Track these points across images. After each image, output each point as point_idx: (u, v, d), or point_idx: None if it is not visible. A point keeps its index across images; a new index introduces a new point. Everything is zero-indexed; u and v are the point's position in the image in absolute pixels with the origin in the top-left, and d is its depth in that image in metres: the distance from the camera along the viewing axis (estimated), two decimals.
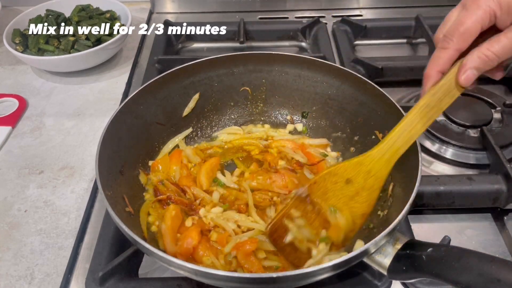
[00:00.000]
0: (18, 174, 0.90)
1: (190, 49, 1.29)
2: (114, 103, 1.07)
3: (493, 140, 0.85)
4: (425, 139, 0.93)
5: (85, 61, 1.12)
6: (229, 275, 0.54)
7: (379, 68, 1.06)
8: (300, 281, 0.57)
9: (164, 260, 0.55)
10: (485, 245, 0.76)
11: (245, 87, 0.93)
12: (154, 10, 1.43)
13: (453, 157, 0.90)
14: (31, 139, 0.98)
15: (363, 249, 0.55)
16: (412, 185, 0.63)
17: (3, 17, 1.31)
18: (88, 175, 0.89)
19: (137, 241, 0.57)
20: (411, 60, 1.12)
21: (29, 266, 0.73)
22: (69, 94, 1.10)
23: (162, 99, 0.86)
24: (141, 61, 1.23)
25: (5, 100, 1.08)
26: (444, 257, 0.53)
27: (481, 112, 0.95)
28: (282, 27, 1.29)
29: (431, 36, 1.14)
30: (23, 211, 0.82)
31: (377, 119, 0.80)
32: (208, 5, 1.42)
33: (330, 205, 0.68)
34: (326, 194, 0.69)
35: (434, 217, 0.80)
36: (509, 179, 0.77)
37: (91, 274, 0.68)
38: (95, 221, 0.81)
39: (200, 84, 0.90)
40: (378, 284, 0.66)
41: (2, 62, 1.22)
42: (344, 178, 0.68)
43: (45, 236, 0.78)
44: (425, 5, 1.39)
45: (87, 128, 1.00)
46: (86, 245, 0.77)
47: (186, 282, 0.66)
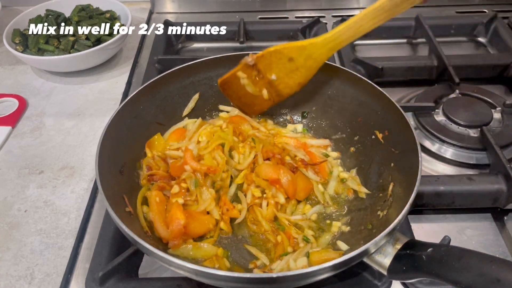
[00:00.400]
0: (18, 174, 0.90)
1: (190, 49, 1.29)
2: (114, 103, 1.07)
3: (493, 140, 0.85)
4: (425, 139, 0.93)
5: (85, 61, 1.12)
6: (229, 275, 0.54)
7: (379, 68, 1.06)
8: (300, 281, 0.57)
9: (164, 260, 0.55)
10: (485, 245, 0.76)
11: None
12: (154, 10, 1.43)
13: (453, 157, 0.90)
14: (31, 139, 0.98)
15: (363, 249, 0.55)
16: (412, 185, 0.63)
17: (3, 17, 1.31)
18: (88, 175, 0.89)
19: (137, 241, 0.57)
20: (411, 60, 1.12)
21: (29, 266, 0.73)
22: (69, 94, 1.10)
23: (162, 99, 0.86)
24: (141, 61, 1.23)
25: (5, 100, 1.08)
26: (444, 257, 0.53)
27: (481, 112, 0.95)
28: (282, 27, 1.29)
29: (431, 36, 1.14)
30: (23, 211, 0.82)
31: (377, 119, 0.80)
32: (208, 5, 1.42)
33: (272, 74, 0.81)
34: (270, 65, 0.80)
35: (434, 217, 0.80)
36: (509, 179, 0.77)
37: (91, 274, 0.68)
38: (95, 221, 0.81)
39: (200, 84, 0.90)
40: (378, 284, 0.66)
41: (2, 62, 1.22)
42: (288, 57, 0.79)
43: (45, 236, 0.78)
44: (425, 5, 1.39)
45: (87, 128, 1.00)
46: (86, 245, 0.77)
47: (186, 282, 0.66)
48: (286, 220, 0.75)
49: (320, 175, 0.82)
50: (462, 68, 1.05)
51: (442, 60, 1.06)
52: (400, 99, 1.05)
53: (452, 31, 1.27)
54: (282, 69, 0.81)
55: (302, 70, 0.80)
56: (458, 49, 1.24)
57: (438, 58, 1.08)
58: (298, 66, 0.80)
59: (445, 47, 1.10)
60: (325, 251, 0.70)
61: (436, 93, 1.02)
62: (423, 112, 0.97)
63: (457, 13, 1.35)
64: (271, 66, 0.81)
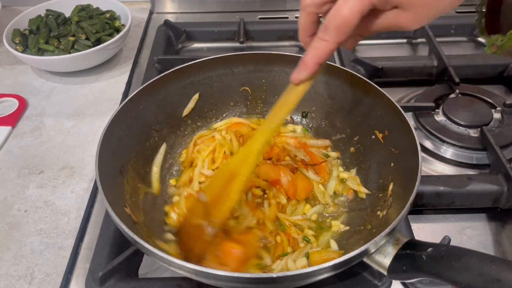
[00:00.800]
0: (18, 174, 0.90)
1: (190, 49, 1.29)
2: (114, 103, 1.07)
3: (493, 140, 0.85)
4: (425, 139, 0.93)
5: (85, 61, 1.12)
6: (229, 275, 0.54)
7: (379, 68, 1.06)
8: (300, 281, 0.57)
9: (164, 260, 0.55)
10: (485, 245, 0.76)
11: (245, 87, 0.93)
12: (154, 10, 1.43)
13: (453, 157, 0.90)
14: (31, 139, 0.98)
15: (363, 249, 0.55)
16: (412, 185, 0.63)
17: (3, 17, 1.31)
18: (88, 175, 0.89)
19: (137, 241, 0.57)
20: (411, 60, 1.12)
21: (29, 266, 0.73)
22: (69, 94, 1.10)
23: (162, 99, 0.86)
24: (141, 61, 1.23)
25: (5, 100, 1.08)
26: (444, 257, 0.53)
27: (481, 112, 0.95)
28: (282, 27, 1.29)
29: (431, 36, 1.14)
30: (23, 211, 0.82)
31: (377, 119, 0.80)
32: (208, 5, 1.42)
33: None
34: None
35: (434, 217, 0.80)
36: (509, 179, 0.77)
37: (91, 274, 0.68)
38: (95, 221, 0.81)
39: (200, 84, 0.90)
40: (378, 284, 0.66)
41: (2, 62, 1.22)
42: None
43: (45, 236, 0.78)
44: None
45: (87, 128, 1.00)
46: (86, 245, 0.77)
47: (186, 282, 0.66)
48: (287, 221, 0.75)
49: (320, 175, 0.82)
50: (462, 68, 1.05)
51: (442, 60, 1.06)
52: (400, 99, 1.05)
53: (452, 31, 1.27)
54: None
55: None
56: (458, 49, 1.25)
57: (438, 58, 1.08)
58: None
59: (445, 47, 1.10)
60: (325, 251, 0.70)
61: (436, 93, 1.02)
62: (423, 112, 0.97)
63: (457, 13, 1.35)
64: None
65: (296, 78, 0.61)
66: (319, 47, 0.56)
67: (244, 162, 0.67)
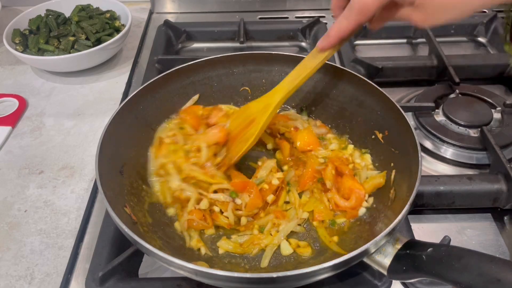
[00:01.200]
0: (18, 174, 0.90)
1: (190, 49, 1.29)
2: (114, 103, 1.07)
3: (493, 140, 0.85)
4: (425, 139, 0.93)
5: (85, 61, 1.12)
6: (229, 275, 0.54)
7: (379, 68, 1.06)
8: (300, 281, 0.57)
9: (164, 260, 0.55)
10: (485, 245, 0.76)
11: (245, 87, 0.93)
12: (154, 10, 1.43)
13: (453, 157, 0.90)
14: (31, 139, 0.98)
15: (363, 249, 0.55)
16: (412, 185, 0.63)
17: (3, 17, 1.31)
18: (88, 175, 0.89)
19: (137, 241, 0.57)
20: (411, 60, 1.12)
21: (29, 266, 0.73)
22: (69, 94, 1.10)
23: (162, 99, 0.86)
24: (141, 61, 1.23)
25: (5, 100, 1.08)
26: (444, 257, 0.53)
27: (481, 112, 0.95)
28: (282, 27, 1.29)
29: (431, 36, 1.14)
30: (23, 211, 0.82)
31: (377, 119, 0.80)
32: (208, 5, 1.42)
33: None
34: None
35: (434, 217, 0.80)
36: (509, 179, 0.77)
37: (91, 274, 0.68)
38: (95, 221, 0.81)
39: (200, 84, 0.90)
40: (378, 284, 0.66)
41: (2, 62, 1.22)
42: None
43: (45, 236, 0.78)
44: None
45: (87, 128, 1.00)
46: (86, 245, 0.77)
47: (186, 282, 0.66)
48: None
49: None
50: (462, 68, 1.05)
51: (442, 60, 1.06)
52: (400, 99, 1.05)
53: (452, 31, 1.27)
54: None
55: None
56: (458, 49, 1.25)
57: (438, 58, 1.08)
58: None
59: (445, 47, 1.10)
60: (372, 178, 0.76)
61: (436, 93, 1.02)
62: (423, 112, 0.97)
63: None
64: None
65: (319, 44, 0.71)
66: (342, 23, 0.65)
67: (264, 111, 0.76)
